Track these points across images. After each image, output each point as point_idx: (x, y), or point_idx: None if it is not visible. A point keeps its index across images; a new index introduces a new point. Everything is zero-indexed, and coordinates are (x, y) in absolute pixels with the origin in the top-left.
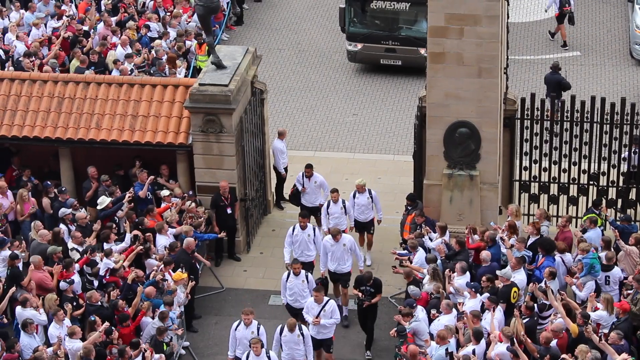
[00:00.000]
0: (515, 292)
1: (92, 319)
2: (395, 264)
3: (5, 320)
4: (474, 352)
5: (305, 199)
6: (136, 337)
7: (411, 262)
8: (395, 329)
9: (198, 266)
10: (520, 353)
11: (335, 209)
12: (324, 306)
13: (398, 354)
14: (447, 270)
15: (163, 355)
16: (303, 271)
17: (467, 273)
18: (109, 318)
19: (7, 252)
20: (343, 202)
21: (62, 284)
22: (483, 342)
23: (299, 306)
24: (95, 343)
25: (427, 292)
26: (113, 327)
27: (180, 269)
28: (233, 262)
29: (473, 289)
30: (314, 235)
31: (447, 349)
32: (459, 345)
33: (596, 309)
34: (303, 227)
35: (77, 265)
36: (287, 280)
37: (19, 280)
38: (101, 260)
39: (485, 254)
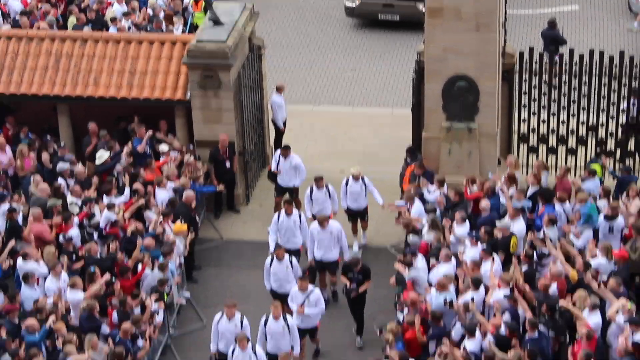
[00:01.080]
0: (514, 242)
1: (92, 270)
2: (394, 216)
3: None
4: (472, 299)
5: (281, 179)
6: (136, 290)
7: (409, 213)
8: (394, 277)
9: (197, 218)
10: (520, 300)
11: (319, 194)
12: (308, 295)
13: (398, 301)
14: (446, 219)
15: (162, 302)
16: (287, 255)
17: (467, 222)
18: (108, 270)
19: (7, 206)
20: (327, 186)
21: (61, 239)
22: (482, 289)
23: (284, 292)
24: (97, 295)
25: (427, 241)
26: (114, 279)
27: (179, 221)
28: (232, 214)
29: (474, 238)
30: (300, 221)
31: (445, 298)
32: (458, 294)
33: (595, 256)
34: (289, 214)
35: (76, 219)
36: (270, 266)
37: (18, 233)
38: (101, 212)
39: (484, 204)
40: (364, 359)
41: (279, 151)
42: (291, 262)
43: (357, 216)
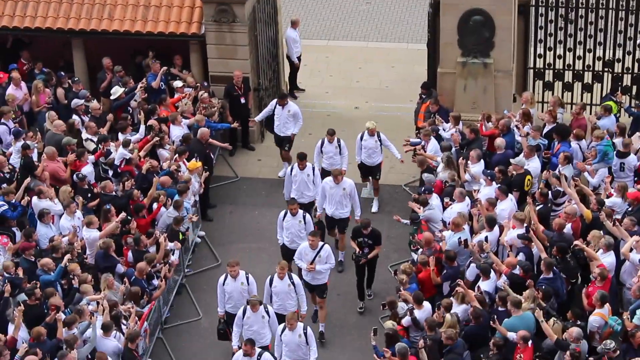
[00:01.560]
0: (528, 179)
1: (107, 207)
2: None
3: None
4: (486, 239)
5: (277, 128)
6: (151, 228)
7: (425, 151)
8: (410, 216)
9: (212, 156)
10: (535, 240)
11: (330, 148)
12: (319, 251)
13: (412, 241)
14: (462, 158)
15: (179, 243)
16: (301, 211)
17: (482, 161)
18: (124, 208)
19: (21, 143)
20: (338, 140)
21: (74, 178)
22: (496, 228)
23: (295, 247)
24: (112, 234)
25: (441, 180)
26: (130, 217)
27: (194, 158)
28: (247, 151)
29: (489, 177)
30: (313, 175)
31: (460, 238)
32: (472, 233)
33: (610, 195)
34: (302, 168)
35: (91, 156)
36: (283, 220)
37: (33, 170)
38: (116, 149)
39: (499, 141)
40: (365, 321)
41: (274, 100)
42: (304, 218)
43: (369, 173)
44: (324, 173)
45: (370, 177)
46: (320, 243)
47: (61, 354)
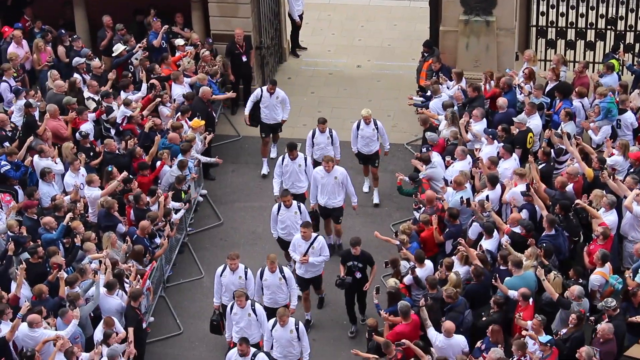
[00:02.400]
0: (530, 137)
1: (110, 169)
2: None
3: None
4: (487, 198)
5: (266, 116)
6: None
7: (427, 109)
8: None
9: (214, 114)
10: (535, 197)
11: (322, 139)
12: (312, 243)
13: (414, 200)
14: (464, 116)
15: (186, 204)
16: (295, 202)
17: (484, 119)
18: (126, 166)
19: (23, 102)
20: (330, 130)
21: (77, 136)
22: (498, 187)
23: (291, 240)
24: (114, 193)
25: (444, 138)
26: (131, 176)
27: (196, 117)
28: None
29: (490, 135)
30: (305, 165)
31: (462, 197)
32: (474, 192)
33: (612, 154)
34: (293, 158)
35: (92, 115)
36: (277, 213)
37: (35, 128)
38: (118, 107)
39: (501, 101)
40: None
41: (259, 88)
42: (299, 208)
43: (368, 161)
44: (316, 165)
45: (369, 165)
46: (314, 234)
47: (62, 311)
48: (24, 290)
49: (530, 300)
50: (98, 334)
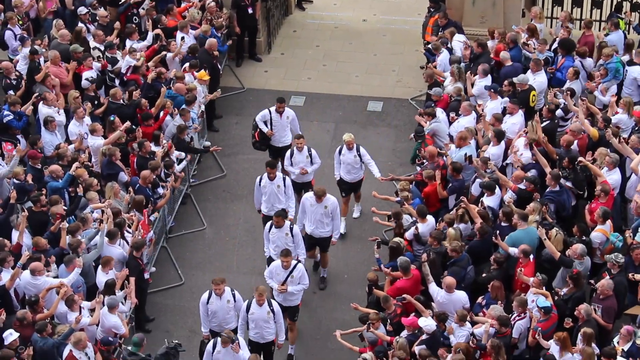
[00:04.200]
0: (533, 95)
1: (112, 118)
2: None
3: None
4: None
5: (274, 139)
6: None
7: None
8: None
9: (219, 66)
10: (538, 155)
11: (300, 158)
12: (291, 271)
13: (418, 155)
14: (469, 72)
15: (183, 154)
16: (288, 222)
17: (489, 75)
18: (130, 116)
19: (28, 49)
20: (309, 149)
21: (84, 82)
22: (502, 143)
23: None
24: (118, 142)
25: (448, 93)
26: (134, 127)
27: (202, 69)
28: (254, 62)
29: (492, 90)
30: (284, 185)
31: (465, 153)
32: (478, 149)
33: (616, 113)
34: (271, 178)
35: (97, 64)
36: (269, 232)
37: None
38: (123, 57)
39: (503, 54)
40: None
41: (267, 109)
42: (291, 229)
43: (350, 190)
44: (294, 185)
45: (351, 195)
46: (294, 262)
47: (68, 258)
48: (26, 239)
49: (531, 257)
50: (100, 277)
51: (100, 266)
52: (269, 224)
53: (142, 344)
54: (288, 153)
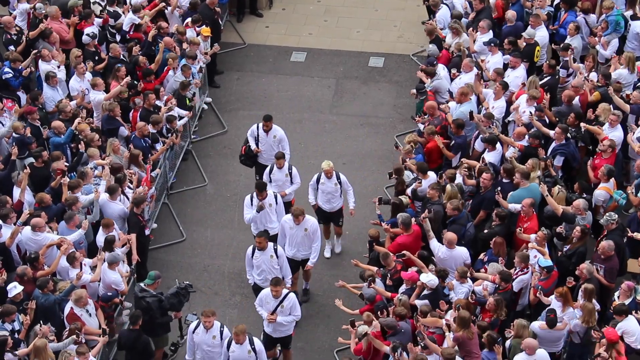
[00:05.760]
0: (538, 50)
1: (119, 65)
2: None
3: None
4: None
5: (262, 157)
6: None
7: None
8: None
9: (220, 21)
10: (546, 111)
11: (280, 176)
12: (281, 301)
13: (419, 113)
14: (471, 29)
15: (188, 112)
16: (271, 244)
17: (491, 31)
18: (130, 74)
19: (25, 5)
20: (290, 167)
21: (85, 38)
22: (503, 99)
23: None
24: (119, 96)
25: (449, 47)
26: (136, 82)
27: (204, 25)
28: (255, 18)
29: (492, 44)
30: (276, 204)
31: (471, 111)
32: (479, 105)
33: (617, 68)
34: (261, 198)
35: (98, 20)
36: (252, 257)
37: (42, 34)
38: (124, 13)
39: (510, 14)
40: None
41: (255, 125)
42: (275, 251)
43: (330, 219)
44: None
45: (330, 225)
46: (284, 292)
47: (69, 215)
48: (28, 196)
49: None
50: (100, 238)
51: (100, 227)
52: (250, 248)
53: (156, 279)
54: (267, 169)
